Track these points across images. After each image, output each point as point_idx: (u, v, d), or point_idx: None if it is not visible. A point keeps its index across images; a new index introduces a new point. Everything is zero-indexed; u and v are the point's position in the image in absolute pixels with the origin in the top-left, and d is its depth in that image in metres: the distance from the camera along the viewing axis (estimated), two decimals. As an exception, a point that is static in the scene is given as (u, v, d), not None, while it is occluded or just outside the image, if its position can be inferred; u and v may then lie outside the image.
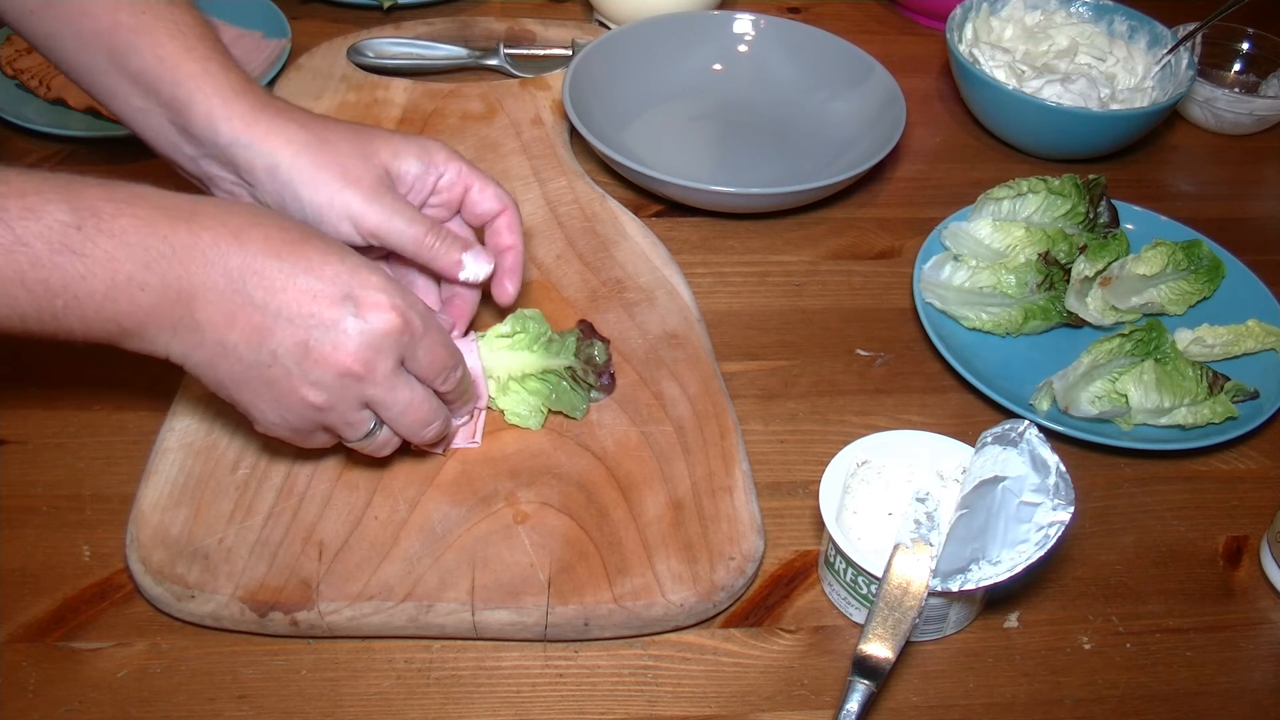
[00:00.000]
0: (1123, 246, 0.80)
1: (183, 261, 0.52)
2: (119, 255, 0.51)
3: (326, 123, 0.63)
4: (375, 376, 0.55)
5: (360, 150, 0.62)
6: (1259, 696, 0.60)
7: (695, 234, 0.85)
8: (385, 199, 0.61)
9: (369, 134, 0.63)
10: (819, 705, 0.58)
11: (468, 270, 0.63)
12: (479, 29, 1.03)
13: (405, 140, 0.64)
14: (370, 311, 0.54)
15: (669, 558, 0.61)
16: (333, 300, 0.54)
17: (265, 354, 0.54)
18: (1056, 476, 0.57)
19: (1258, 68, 1.04)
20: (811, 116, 0.96)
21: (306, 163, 0.60)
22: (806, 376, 0.75)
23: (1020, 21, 1.02)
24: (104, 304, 0.51)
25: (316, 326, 0.54)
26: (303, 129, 0.61)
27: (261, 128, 0.60)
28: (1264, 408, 0.71)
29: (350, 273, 0.55)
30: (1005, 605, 0.63)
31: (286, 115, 0.62)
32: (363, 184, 0.61)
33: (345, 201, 0.61)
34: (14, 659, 0.57)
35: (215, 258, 0.52)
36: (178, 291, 0.52)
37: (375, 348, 0.55)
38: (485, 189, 0.66)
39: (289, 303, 0.53)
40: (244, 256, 0.53)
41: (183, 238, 0.52)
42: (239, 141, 0.60)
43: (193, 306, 0.53)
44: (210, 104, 0.60)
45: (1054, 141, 0.94)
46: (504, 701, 0.57)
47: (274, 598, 0.58)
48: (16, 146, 0.89)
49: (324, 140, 0.61)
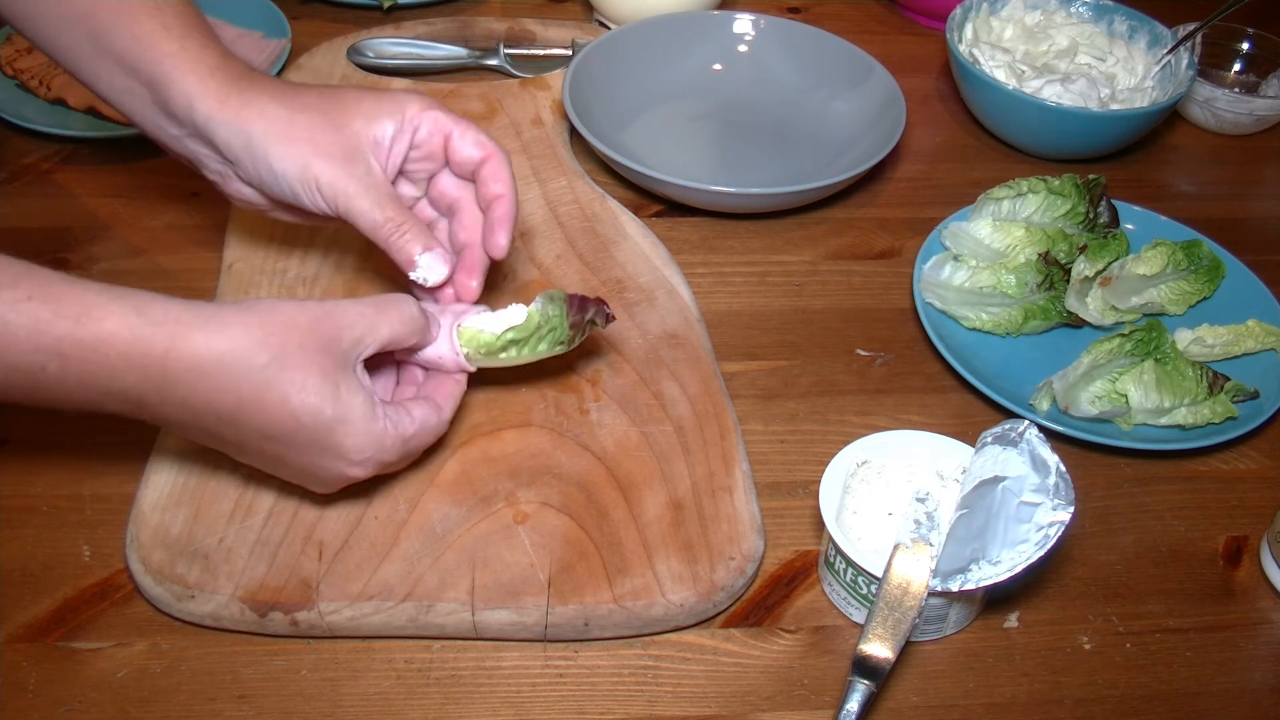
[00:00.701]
0: (1123, 246, 0.80)
1: (170, 397, 0.52)
2: (80, 393, 0.51)
3: (301, 94, 0.62)
4: (371, 471, 0.58)
5: (332, 121, 0.61)
6: (1259, 696, 0.60)
7: (695, 234, 0.85)
8: (354, 173, 0.61)
9: (343, 101, 0.62)
10: (819, 705, 0.58)
11: (420, 270, 0.62)
12: (479, 29, 1.03)
13: (378, 100, 0.63)
14: (348, 463, 0.56)
15: (669, 558, 0.61)
16: (311, 456, 0.56)
17: (251, 455, 0.57)
18: (1056, 476, 0.57)
19: (1258, 68, 1.04)
20: (811, 116, 0.96)
21: (278, 136, 0.60)
22: (806, 376, 0.75)
23: (1020, 21, 1.02)
24: (83, 407, 0.53)
25: (306, 468, 0.57)
26: (275, 101, 0.61)
27: (234, 103, 0.60)
28: (1264, 408, 0.71)
29: (314, 439, 0.55)
30: (1005, 605, 0.63)
31: (260, 89, 0.61)
32: (333, 157, 0.60)
33: (314, 175, 0.60)
34: (14, 659, 0.57)
35: (202, 408, 0.53)
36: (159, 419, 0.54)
37: (362, 473, 0.58)
38: (465, 135, 0.64)
39: (276, 435, 0.54)
40: (237, 408, 0.53)
41: (174, 376, 0.51)
42: (214, 119, 0.60)
43: (185, 427, 0.55)
44: (187, 82, 0.60)
45: (1054, 141, 0.94)
46: (504, 701, 0.57)
47: (274, 598, 0.58)
48: (16, 146, 0.89)
49: (295, 112, 0.61)
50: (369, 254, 0.78)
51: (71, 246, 0.80)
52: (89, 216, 0.83)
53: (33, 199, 0.84)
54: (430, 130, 0.64)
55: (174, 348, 0.50)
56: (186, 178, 0.86)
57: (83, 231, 0.82)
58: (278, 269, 0.76)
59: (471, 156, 0.64)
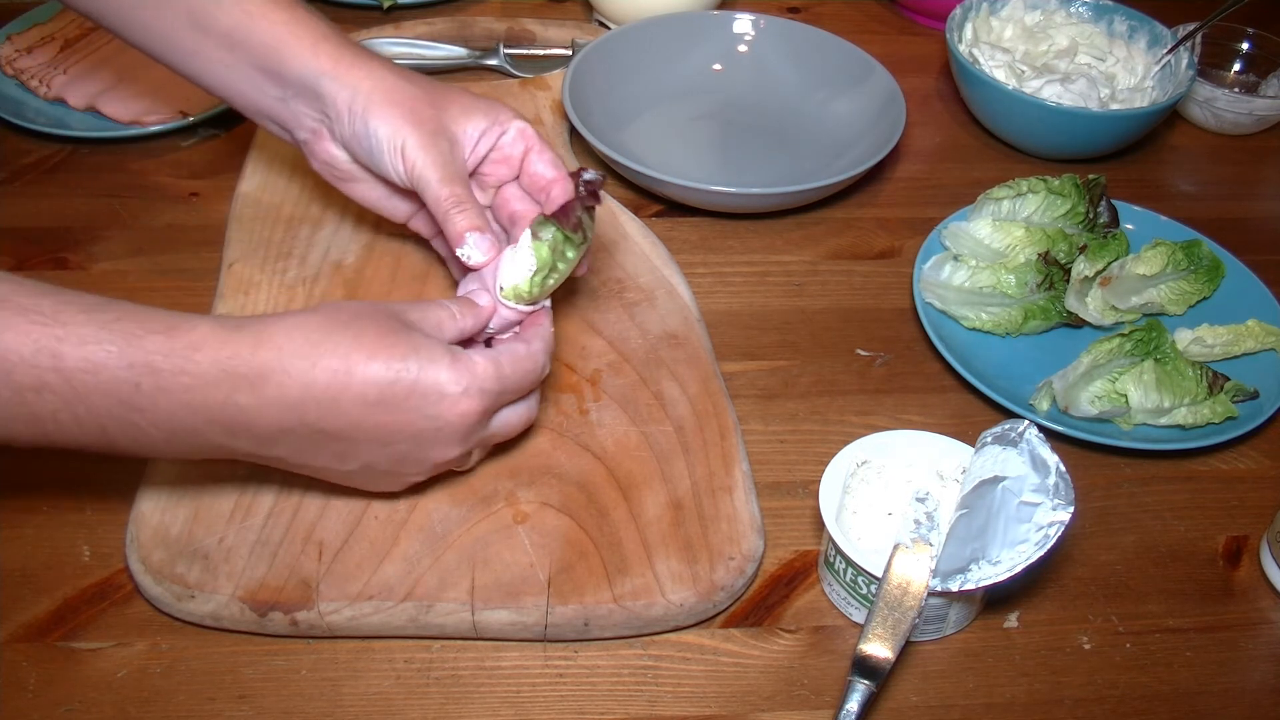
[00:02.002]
0: (1123, 246, 0.80)
1: (251, 413, 0.53)
2: (180, 414, 0.51)
3: (407, 70, 0.67)
4: (471, 443, 0.58)
5: (432, 99, 0.65)
6: (1259, 696, 0.60)
7: (695, 234, 0.85)
8: (437, 148, 0.64)
9: (445, 89, 0.67)
10: (819, 705, 0.58)
11: (466, 248, 0.63)
12: (479, 29, 1.03)
13: (476, 100, 0.67)
14: (446, 411, 0.55)
15: (669, 558, 0.61)
16: (411, 419, 0.55)
17: (352, 465, 0.57)
18: (1056, 476, 0.57)
19: (1258, 68, 1.04)
20: (811, 116, 0.96)
21: (381, 97, 0.64)
22: (806, 376, 0.75)
23: (1020, 21, 1.02)
24: (167, 450, 0.54)
25: (405, 440, 0.56)
26: (384, 68, 0.66)
27: (347, 62, 0.65)
28: (1264, 408, 0.71)
29: (423, 373, 0.55)
30: (1005, 605, 0.63)
31: (369, 56, 0.66)
32: (423, 128, 0.64)
33: (402, 138, 0.64)
34: (14, 659, 0.57)
35: (284, 407, 0.53)
36: (251, 439, 0.54)
37: (465, 431, 0.57)
38: (543, 154, 0.68)
39: (370, 429, 0.55)
40: (314, 402, 0.53)
41: (245, 394, 0.52)
42: (327, 75, 0.65)
43: (269, 444, 0.54)
44: (301, 45, 0.65)
45: (1054, 141, 0.94)
46: (504, 701, 0.57)
47: (274, 598, 0.58)
48: (16, 146, 0.89)
49: (402, 80, 0.65)
50: (369, 255, 0.78)
51: (71, 246, 0.81)
52: (89, 216, 0.83)
53: (33, 199, 0.85)
54: (514, 139, 0.67)
55: (261, 341, 0.52)
56: (186, 178, 0.87)
57: (83, 231, 0.82)
58: (278, 269, 0.76)
59: (544, 174, 0.68)
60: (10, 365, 0.48)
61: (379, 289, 0.75)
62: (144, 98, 0.92)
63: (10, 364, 0.48)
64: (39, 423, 0.50)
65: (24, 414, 0.50)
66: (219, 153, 0.89)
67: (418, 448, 0.57)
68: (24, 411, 0.49)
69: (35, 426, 0.50)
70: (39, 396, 0.49)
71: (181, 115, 0.90)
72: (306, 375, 0.53)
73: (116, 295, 0.74)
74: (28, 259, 0.79)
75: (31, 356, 0.48)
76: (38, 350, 0.48)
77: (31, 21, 0.99)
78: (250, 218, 0.80)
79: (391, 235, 0.79)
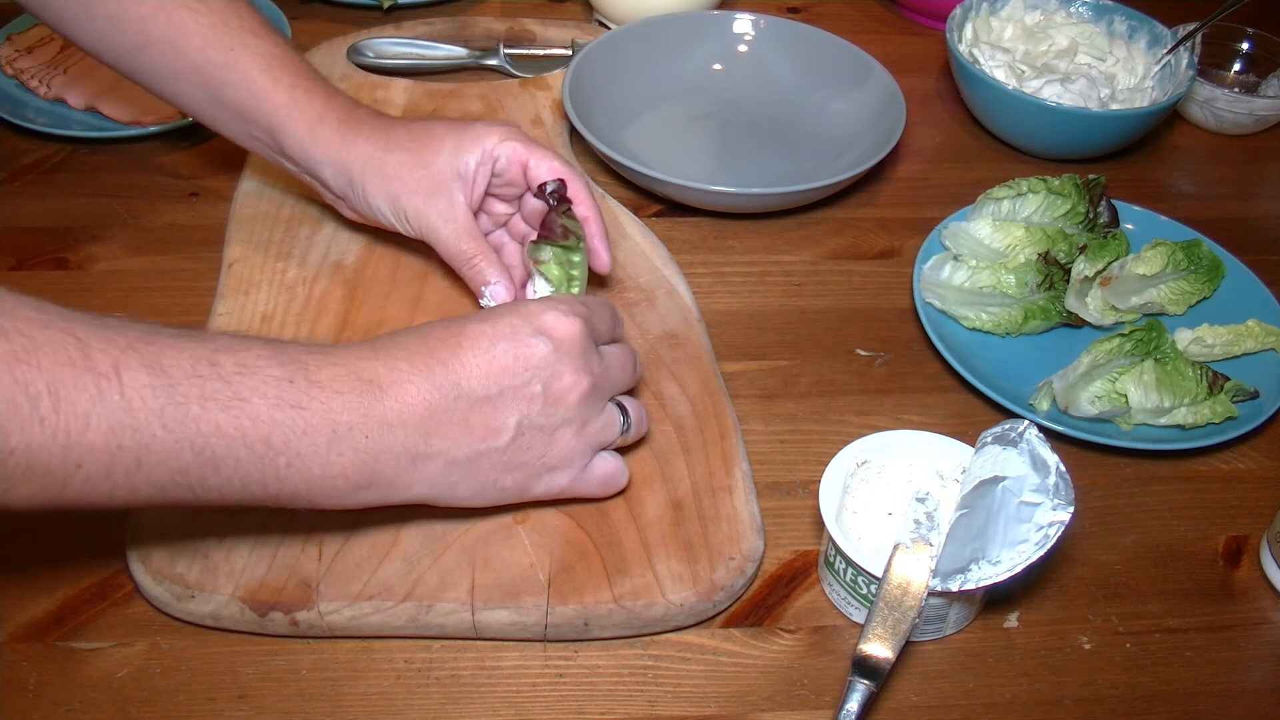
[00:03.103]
0: (1123, 246, 0.80)
1: (396, 397, 0.53)
2: (334, 406, 0.51)
3: (393, 133, 0.70)
4: (595, 371, 0.58)
5: (419, 159, 0.68)
6: (1259, 696, 0.60)
7: (695, 234, 0.85)
8: (437, 207, 0.68)
9: (429, 139, 0.69)
10: (819, 705, 0.58)
11: (486, 299, 0.68)
12: (479, 29, 1.03)
13: (462, 135, 0.69)
14: (556, 330, 0.57)
15: (669, 558, 0.61)
16: (529, 346, 0.56)
17: (509, 433, 0.56)
18: (1056, 476, 0.57)
19: (1258, 68, 1.04)
20: (811, 116, 0.96)
21: (373, 174, 0.69)
22: (806, 376, 0.75)
23: (1020, 21, 1.02)
24: (329, 459, 0.51)
25: (535, 375, 0.56)
26: (370, 143, 0.69)
27: (336, 146, 0.69)
28: (1264, 408, 0.71)
29: (518, 314, 0.57)
30: (1005, 605, 0.63)
31: (358, 130, 0.69)
32: (418, 193, 0.68)
33: (403, 207, 0.69)
34: (14, 659, 0.57)
35: (422, 380, 0.53)
36: (407, 428, 0.53)
37: (581, 353, 0.57)
38: (540, 163, 0.70)
39: (501, 375, 0.55)
40: (442, 367, 0.54)
41: (385, 374, 0.53)
42: (322, 162, 0.70)
43: (428, 434, 0.54)
44: (298, 131, 0.69)
45: (1054, 141, 0.94)
46: (504, 701, 0.57)
47: (274, 598, 0.58)
48: (16, 146, 0.89)
49: (387, 152, 0.69)
50: (369, 255, 0.78)
51: (71, 246, 0.81)
52: (89, 216, 0.83)
53: (33, 199, 0.84)
54: (509, 159, 0.70)
55: (377, 346, 0.55)
56: (186, 178, 0.87)
57: (83, 231, 0.82)
58: (278, 269, 0.76)
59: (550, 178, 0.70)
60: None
61: (379, 289, 0.75)
62: (144, 98, 0.91)
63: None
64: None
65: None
66: (219, 153, 0.89)
67: (555, 379, 0.56)
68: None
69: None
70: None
71: (181, 115, 0.90)
72: (416, 378, 0.54)
73: (116, 295, 0.77)
74: (28, 259, 0.79)
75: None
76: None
77: (31, 21, 0.99)
78: (250, 218, 0.80)
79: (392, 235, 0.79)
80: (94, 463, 0.46)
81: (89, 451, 0.45)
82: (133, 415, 0.46)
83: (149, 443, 0.47)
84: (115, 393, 0.46)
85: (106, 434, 0.46)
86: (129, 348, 0.47)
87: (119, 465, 0.46)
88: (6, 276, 0.78)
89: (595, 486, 0.61)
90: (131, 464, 0.47)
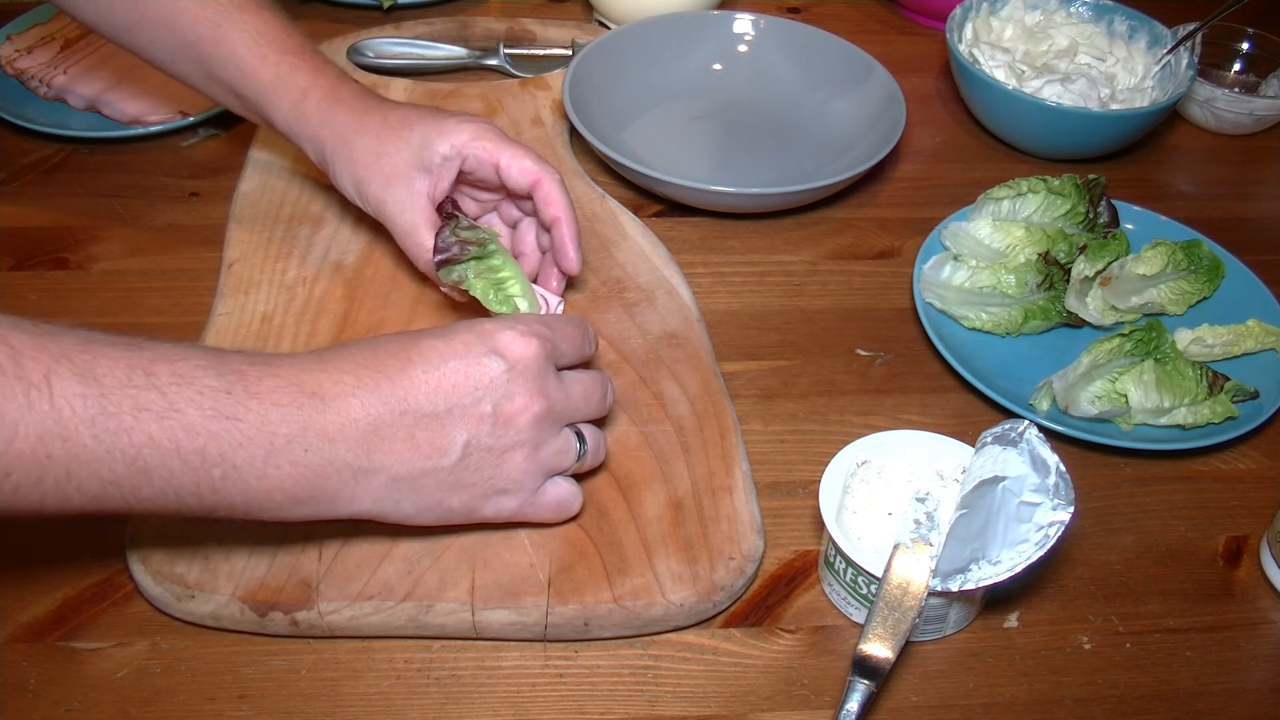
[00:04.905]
0: (1123, 246, 0.80)
1: (338, 410, 0.52)
2: (273, 418, 0.50)
3: (368, 116, 0.70)
4: (552, 395, 0.57)
5: (383, 147, 0.69)
6: (1259, 696, 0.60)
7: (695, 234, 0.85)
8: (394, 196, 0.69)
9: (400, 125, 0.69)
10: (819, 705, 0.58)
11: (445, 287, 0.68)
12: (479, 29, 1.03)
13: (434, 125, 0.69)
14: (511, 350, 0.55)
15: (669, 558, 0.61)
16: (481, 364, 0.55)
17: (456, 453, 0.54)
18: (1056, 476, 0.57)
19: (1258, 68, 1.04)
20: (811, 116, 0.96)
21: (341, 155, 0.70)
22: (806, 376, 0.75)
23: (1020, 21, 1.02)
24: (266, 471, 0.50)
25: (486, 394, 0.54)
26: (344, 123, 0.70)
27: (315, 122, 0.70)
28: (1264, 408, 0.71)
29: (474, 331, 0.56)
30: (1005, 605, 0.63)
31: (339, 108, 0.70)
32: (376, 180, 0.69)
33: (362, 190, 0.70)
34: (14, 659, 0.57)
35: (367, 394, 0.52)
36: (349, 442, 0.52)
37: (536, 375, 0.56)
38: (512, 162, 0.70)
39: (451, 392, 0.54)
40: (389, 381, 0.53)
41: (329, 387, 0.52)
42: (302, 136, 0.71)
43: (370, 448, 0.52)
44: (283, 107, 0.70)
45: (1054, 141, 0.94)
46: (504, 701, 0.57)
47: (274, 598, 0.58)
48: (16, 146, 0.89)
49: (356, 136, 0.69)
50: (369, 255, 0.78)
51: (71, 246, 0.81)
52: (89, 216, 0.83)
53: (33, 199, 0.85)
54: (478, 160, 0.70)
55: (324, 357, 0.54)
56: (186, 178, 0.87)
57: (83, 231, 0.82)
58: (277, 269, 0.76)
59: (521, 183, 0.70)
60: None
61: (379, 289, 0.75)
62: (144, 98, 0.92)
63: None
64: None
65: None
66: (219, 153, 0.89)
67: (507, 400, 0.55)
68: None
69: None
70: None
71: (181, 115, 0.90)
72: (370, 356, 0.54)
73: (116, 295, 0.77)
74: (28, 259, 0.79)
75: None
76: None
77: (31, 21, 0.99)
78: (250, 218, 0.80)
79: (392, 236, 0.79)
80: (23, 471, 0.45)
81: (17, 460, 0.45)
82: (62, 425, 0.46)
83: (79, 453, 0.46)
84: (45, 402, 0.45)
85: (35, 443, 0.45)
86: (63, 356, 0.46)
87: (48, 474, 0.46)
88: (6, 276, 0.78)
89: (546, 512, 0.59)
90: (61, 474, 0.46)
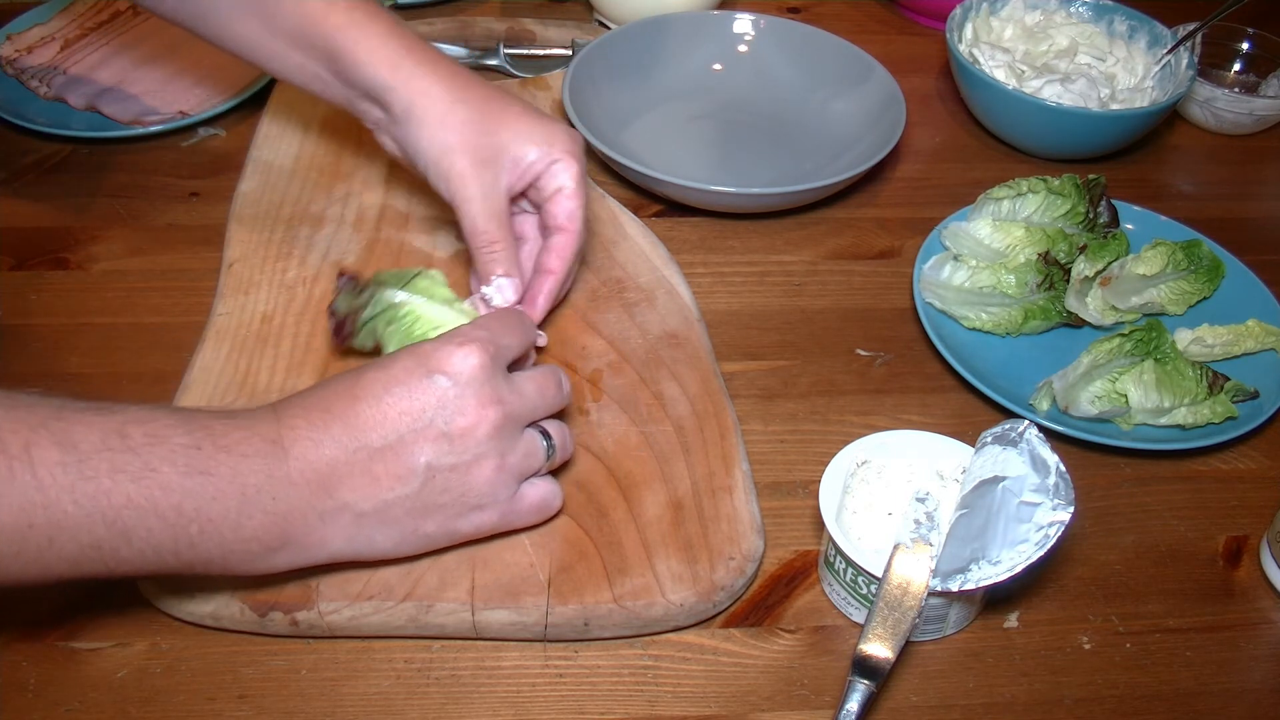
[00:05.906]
0: (1123, 246, 0.80)
1: (298, 456, 0.52)
2: (242, 469, 0.51)
3: (466, 83, 0.67)
4: (506, 400, 0.56)
5: (485, 124, 0.66)
6: (1259, 696, 0.60)
7: (695, 234, 0.85)
8: (482, 178, 0.66)
9: (500, 108, 0.68)
10: (819, 705, 0.58)
11: (491, 290, 0.67)
12: (479, 29, 1.03)
13: (533, 123, 0.68)
14: (452, 366, 0.55)
15: (669, 558, 0.61)
16: (424, 387, 0.54)
17: (419, 478, 0.54)
18: (1056, 476, 0.57)
19: (1258, 68, 1.04)
20: (811, 116, 0.96)
21: (434, 119, 0.66)
22: (806, 376, 0.75)
23: (1020, 21, 1.02)
24: (240, 522, 0.51)
25: (435, 415, 0.54)
26: (440, 84, 0.66)
27: (405, 73, 0.66)
28: (1264, 408, 0.71)
29: (413, 355, 0.55)
30: (1005, 605, 0.63)
31: (430, 65, 0.67)
32: (470, 156, 0.66)
33: (450, 163, 0.66)
34: (14, 659, 0.57)
35: (320, 436, 0.53)
36: (311, 486, 0.53)
37: (484, 384, 0.55)
38: (565, 201, 0.69)
39: (398, 420, 0.54)
40: (339, 422, 0.53)
41: (286, 434, 0.52)
42: (386, 83, 0.66)
43: (331, 489, 0.53)
44: (359, 51, 0.66)
45: (1054, 141, 0.94)
46: (504, 701, 0.57)
47: (274, 598, 0.58)
48: (16, 146, 0.89)
49: (455, 101, 0.66)
50: (369, 256, 0.78)
51: (71, 246, 0.81)
52: (89, 216, 0.83)
53: (33, 199, 0.85)
54: (550, 179, 0.68)
55: (276, 408, 0.54)
56: (186, 178, 0.87)
57: (83, 231, 0.82)
58: (278, 269, 0.76)
59: (553, 222, 0.70)
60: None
61: (379, 289, 0.75)
62: (144, 98, 0.92)
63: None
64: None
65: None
66: (219, 153, 0.89)
67: (459, 415, 0.54)
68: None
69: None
70: None
71: (181, 115, 0.90)
72: (319, 399, 0.54)
73: (116, 295, 0.77)
74: (28, 259, 0.79)
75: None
76: None
77: (31, 21, 0.99)
78: (250, 218, 0.80)
79: (391, 236, 0.79)
80: (5, 543, 0.46)
81: (0, 533, 0.46)
82: (44, 493, 0.46)
83: (60, 519, 0.47)
84: (27, 473, 0.46)
85: (18, 514, 0.46)
86: (40, 426, 0.47)
87: (30, 544, 0.46)
88: (6, 276, 0.78)
89: (528, 516, 0.59)
90: (44, 541, 0.47)
